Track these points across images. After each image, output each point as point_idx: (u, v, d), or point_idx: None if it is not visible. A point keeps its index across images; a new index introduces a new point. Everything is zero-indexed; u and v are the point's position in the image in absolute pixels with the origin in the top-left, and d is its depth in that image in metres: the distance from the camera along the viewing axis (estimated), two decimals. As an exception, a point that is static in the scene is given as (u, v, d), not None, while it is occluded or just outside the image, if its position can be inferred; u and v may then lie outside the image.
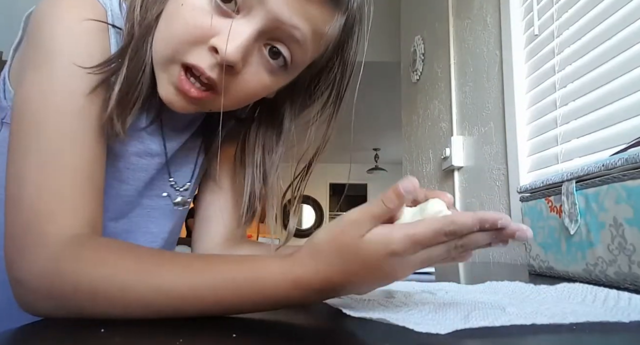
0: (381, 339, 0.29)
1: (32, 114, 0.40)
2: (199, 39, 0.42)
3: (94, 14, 0.44)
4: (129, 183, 0.54)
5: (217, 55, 0.42)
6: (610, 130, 0.95)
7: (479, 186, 1.54)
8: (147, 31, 0.45)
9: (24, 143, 0.40)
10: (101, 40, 0.45)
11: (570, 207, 0.66)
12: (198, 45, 0.42)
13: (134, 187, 0.55)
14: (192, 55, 0.43)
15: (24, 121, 0.41)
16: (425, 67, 2.17)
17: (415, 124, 2.27)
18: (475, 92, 1.61)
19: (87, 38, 0.44)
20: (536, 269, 0.78)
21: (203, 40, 0.42)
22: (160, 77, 0.46)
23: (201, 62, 0.42)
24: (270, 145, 0.59)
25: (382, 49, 3.13)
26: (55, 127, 0.40)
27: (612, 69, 0.95)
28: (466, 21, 1.72)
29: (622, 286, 0.56)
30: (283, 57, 0.45)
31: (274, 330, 0.32)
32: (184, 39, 0.43)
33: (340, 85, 0.54)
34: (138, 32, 0.45)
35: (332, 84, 0.54)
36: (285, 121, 0.58)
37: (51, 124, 0.40)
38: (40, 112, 0.40)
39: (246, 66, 0.44)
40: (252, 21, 0.42)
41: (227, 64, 0.42)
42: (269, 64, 0.46)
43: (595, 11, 1.02)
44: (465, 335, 0.29)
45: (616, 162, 0.56)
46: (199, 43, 0.42)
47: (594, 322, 0.32)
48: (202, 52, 0.42)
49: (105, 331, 0.30)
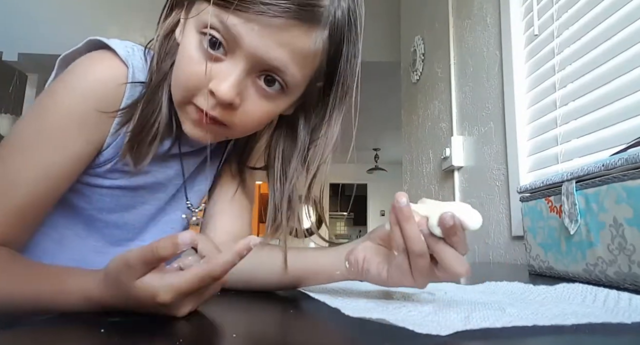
0: (381, 340, 0.29)
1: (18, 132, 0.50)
2: (197, 85, 0.48)
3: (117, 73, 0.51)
4: (150, 203, 0.60)
5: (215, 97, 0.47)
6: (610, 130, 0.95)
7: (479, 186, 1.54)
8: (163, 78, 0.52)
9: None
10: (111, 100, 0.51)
11: (570, 207, 0.66)
12: (199, 89, 0.48)
13: (156, 206, 0.61)
14: (197, 98, 0.48)
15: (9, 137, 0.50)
16: (425, 67, 2.17)
17: (415, 124, 2.27)
18: (475, 92, 1.61)
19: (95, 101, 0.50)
20: (536, 269, 0.78)
21: (202, 85, 0.47)
22: (181, 116, 0.52)
23: (204, 105, 0.48)
24: (288, 156, 0.61)
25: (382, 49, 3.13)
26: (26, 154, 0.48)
27: (612, 69, 0.95)
28: (466, 21, 1.72)
29: (622, 286, 0.56)
30: (279, 82, 0.49)
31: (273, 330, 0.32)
32: (187, 85, 0.48)
33: (349, 89, 0.55)
34: (154, 80, 0.52)
35: (343, 90, 0.55)
36: (300, 133, 0.60)
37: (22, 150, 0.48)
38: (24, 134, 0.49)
39: (244, 100, 0.49)
40: (237, 62, 0.46)
41: (225, 103, 0.47)
42: (265, 92, 0.49)
43: (595, 11, 1.01)
44: (466, 336, 0.29)
45: (616, 162, 0.56)
46: (199, 88, 0.48)
47: (595, 323, 0.32)
48: (203, 95, 0.48)
49: (105, 331, 0.30)
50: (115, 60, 0.51)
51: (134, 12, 3.16)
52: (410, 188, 2.33)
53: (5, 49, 3.21)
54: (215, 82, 0.46)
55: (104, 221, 0.58)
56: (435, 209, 0.39)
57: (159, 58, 0.53)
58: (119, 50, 0.51)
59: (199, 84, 0.47)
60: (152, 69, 0.52)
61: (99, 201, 0.56)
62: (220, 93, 0.46)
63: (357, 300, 0.43)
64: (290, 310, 0.45)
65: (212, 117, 0.48)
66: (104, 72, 0.50)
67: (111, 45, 0.51)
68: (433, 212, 0.39)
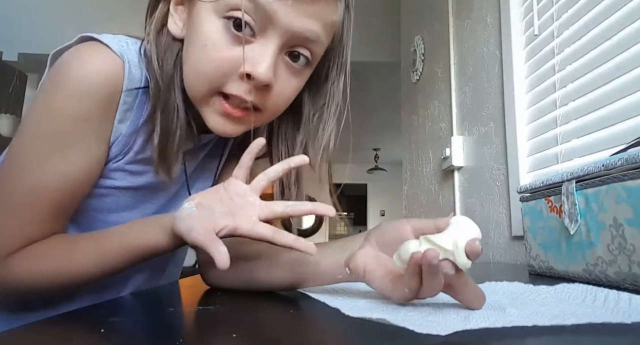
0: (381, 340, 0.29)
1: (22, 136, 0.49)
2: (228, 70, 0.47)
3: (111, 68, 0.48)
4: (151, 201, 0.59)
5: (251, 80, 0.46)
6: (610, 130, 0.95)
7: (479, 186, 1.54)
8: (171, 80, 0.50)
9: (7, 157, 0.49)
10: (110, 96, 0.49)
11: (570, 207, 0.66)
12: (230, 76, 0.47)
13: (157, 206, 0.60)
14: (227, 86, 0.47)
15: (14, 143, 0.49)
16: (425, 67, 2.16)
17: (415, 124, 2.27)
18: (475, 92, 1.61)
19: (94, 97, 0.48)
20: (536, 269, 0.78)
21: (233, 70, 0.46)
22: (205, 111, 0.50)
23: (238, 91, 0.47)
24: (292, 135, 0.62)
25: (382, 49, 3.13)
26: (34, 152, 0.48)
27: (612, 69, 0.95)
28: (466, 21, 1.72)
29: (622, 286, 0.56)
30: (303, 57, 0.49)
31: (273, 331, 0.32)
32: (217, 74, 0.47)
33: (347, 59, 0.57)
34: (163, 85, 0.50)
35: (343, 59, 0.57)
36: (305, 107, 0.60)
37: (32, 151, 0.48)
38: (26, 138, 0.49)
39: (277, 79, 0.49)
40: (270, 40, 0.46)
41: (263, 85, 0.47)
42: (293, 68, 0.50)
43: (595, 11, 1.01)
44: (466, 336, 0.29)
45: (616, 162, 0.56)
46: (230, 74, 0.47)
47: (595, 323, 0.32)
48: (235, 81, 0.47)
49: (105, 331, 0.30)
50: (109, 53, 0.48)
51: (134, 12, 3.15)
52: (410, 188, 2.33)
53: (5, 49, 3.22)
54: (250, 65, 0.45)
55: (104, 221, 0.57)
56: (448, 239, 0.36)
57: (159, 57, 0.50)
58: (112, 45, 0.48)
59: (230, 70, 0.46)
60: (156, 71, 0.50)
61: (99, 202, 0.55)
62: (261, 75, 0.45)
63: (357, 300, 0.43)
64: (290, 310, 0.45)
65: (246, 105, 0.48)
66: (99, 68, 0.48)
67: (103, 40, 0.49)
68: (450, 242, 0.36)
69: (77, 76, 0.47)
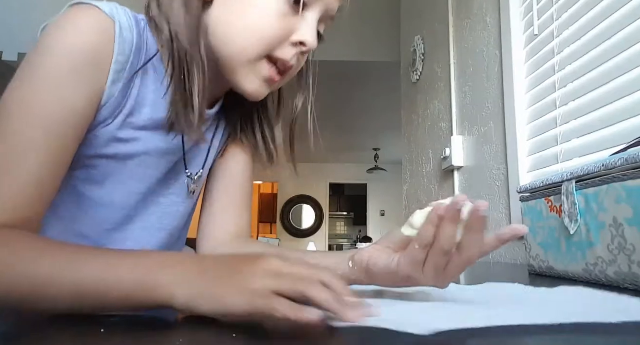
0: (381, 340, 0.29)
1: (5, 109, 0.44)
2: (283, 38, 0.53)
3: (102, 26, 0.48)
4: (139, 180, 0.58)
5: (303, 46, 0.54)
6: (610, 130, 0.95)
7: (479, 186, 1.54)
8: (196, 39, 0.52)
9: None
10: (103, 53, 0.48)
11: (570, 207, 0.66)
12: (285, 41, 0.53)
13: (147, 185, 0.59)
14: (277, 51, 0.53)
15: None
16: (425, 67, 2.17)
17: (415, 124, 2.27)
18: (475, 92, 1.61)
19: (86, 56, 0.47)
20: (536, 269, 0.78)
21: (286, 38, 0.53)
22: (246, 74, 0.54)
23: (286, 55, 0.54)
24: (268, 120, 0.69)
25: (382, 49, 3.13)
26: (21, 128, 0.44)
27: (612, 69, 0.95)
28: (466, 21, 1.72)
29: (622, 286, 0.56)
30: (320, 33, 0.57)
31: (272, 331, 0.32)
32: (273, 40, 0.53)
33: None
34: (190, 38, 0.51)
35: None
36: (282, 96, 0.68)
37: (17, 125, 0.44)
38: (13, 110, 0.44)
39: None
40: (314, 13, 0.54)
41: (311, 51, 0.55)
42: None
43: (595, 11, 1.01)
44: (465, 336, 0.29)
45: (616, 162, 0.56)
46: (285, 40, 0.53)
47: (595, 323, 0.32)
48: (286, 46, 0.53)
49: (105, 331, 0.30)
50: (100, 13, 0.48)
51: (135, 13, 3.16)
52: (410, 188, 2.33)
53: (5, 49, 3.21)
54: (300, 33, 0.53)
55: (90, 198, 0.54)
56: None
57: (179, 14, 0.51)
58: (102, 7, 0.49)
59: (284, 37, 0.53)
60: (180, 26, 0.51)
61: (83, 172, 0.53)
62: (311, 42, 0.53)
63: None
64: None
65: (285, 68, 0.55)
66: (91, 24, 0.48)
67: (93, 3, 0.49)
68: None
69: (67, 33, 0.47)
